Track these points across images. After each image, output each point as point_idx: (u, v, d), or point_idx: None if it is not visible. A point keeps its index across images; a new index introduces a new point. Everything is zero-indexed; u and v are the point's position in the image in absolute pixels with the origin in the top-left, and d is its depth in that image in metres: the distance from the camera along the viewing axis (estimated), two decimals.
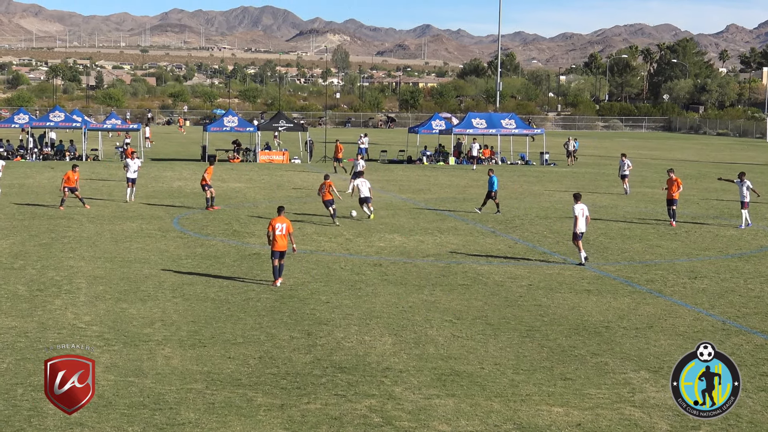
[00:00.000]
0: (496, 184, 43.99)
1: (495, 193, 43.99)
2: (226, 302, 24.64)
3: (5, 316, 22.64)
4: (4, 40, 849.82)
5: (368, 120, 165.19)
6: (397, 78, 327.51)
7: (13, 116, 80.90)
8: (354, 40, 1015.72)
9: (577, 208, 30.89)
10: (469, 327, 22.45)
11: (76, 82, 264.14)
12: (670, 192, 41.17)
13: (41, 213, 41.65)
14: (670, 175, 41.44)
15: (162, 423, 15.62)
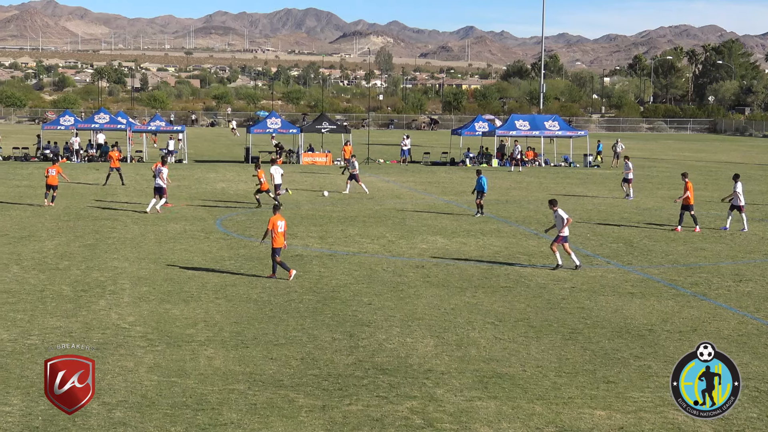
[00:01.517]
0: (485, 185, 43.66)
1: (483, 194, 43.51)
2: (268, 303, 24.71)
3: (50, 316, 22.82)
4: (51, 43, 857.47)
5: (411, 122, 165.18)
6: (440, 80, 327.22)
7: (59, 118, 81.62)
8: (397, 41, 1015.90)
9: (562, 212, 30.50)
10: (511, 329, 22.39)
11: (121, 84, 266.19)
12: (687, 197, 40.10)
13: (86, 214, 41.97)
14: (686, 180, 40.48)
15: (204, 423, 15.68)
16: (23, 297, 24.93)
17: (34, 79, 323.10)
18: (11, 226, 37.78)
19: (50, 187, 44.06)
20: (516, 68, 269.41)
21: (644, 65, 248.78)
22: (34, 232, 36.51)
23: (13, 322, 22.14)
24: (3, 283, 26.70)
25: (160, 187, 42.90)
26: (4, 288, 25.99)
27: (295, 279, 27.78)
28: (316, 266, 30.11)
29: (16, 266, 29.24)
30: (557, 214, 30.49)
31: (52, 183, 43.97)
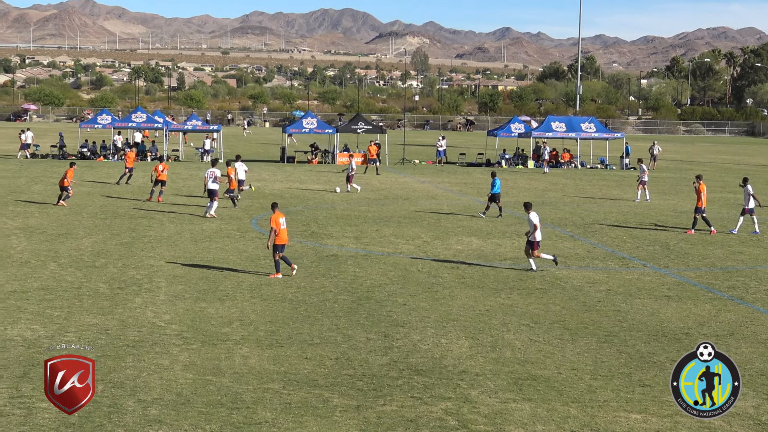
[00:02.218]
0: (498, 186, 43.49)
1: (497, 195, 43.39)
2: (303, 303, 24.75)
3: (87, 314, 22.95)
4: (89, 42, 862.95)
5: (447, 123, 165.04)
6: (476, 81, 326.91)
7: (96, 117, 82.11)
8: (433, 42, 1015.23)
9: (534, 216, 30.29)
10: (546, 331, 22.31)
11: (158, 83, 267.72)
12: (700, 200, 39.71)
13: (123, 212, 42.19)
14: (699, 183, 40.11)
15: (239, 422, 15.72)
16: (60, 294, 25.09)
17: (72, 78, 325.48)
18: (49, 224, 38.03)
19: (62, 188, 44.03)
20: (552, 69, 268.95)
21: (682, 67, 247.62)
22: (72, 229, 36.75)
23: (50, 319, 22.28)
24: (40, 280, 26.89)
25: (213, 190, 41.56)
26: (41, 285, 26.17)
27: (331, 280, 27.79)
28: (351, 266, 30.13)
29: (53, 263, 29.43)
30: (528, 218, 30.29)
31: (63, 184, 43.96)
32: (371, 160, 70.16)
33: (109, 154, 76.21)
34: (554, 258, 30.29)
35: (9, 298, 24.42)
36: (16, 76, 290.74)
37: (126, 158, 56.79)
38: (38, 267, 28.80)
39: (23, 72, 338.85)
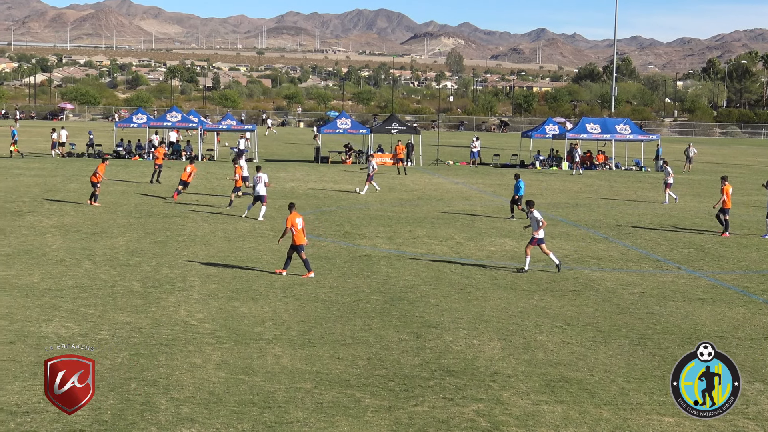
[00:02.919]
0: (522, 189, 43.30)
1: (520, 198, 43.21)
2: (336, 303, 24.78)
3: (121, 312, 23.07)
4: (125, 42, 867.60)
5: (481, 124, 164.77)
6: (511, 82, 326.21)
7: (132, 116, 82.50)
8: (468, 43, 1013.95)
9: (537, 214, 30.09)
10: (579, 333, 22.24)
11: (193, 83, 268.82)
12: (726, 201, 39.59)
13: (157, 211, 42.37)
14: (724, 184, 39.95)
15: (271, 421, 15.75)
16: (94, 292, 25.24)
17: (108, 78, 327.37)
18: (84, 222, 38.26)
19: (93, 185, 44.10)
20: (587, 71, 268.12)
21: (718, 69, 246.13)
22: (106, 228, 36.95)
23: (84, 317, 22.41)
24: (75, 278, 27.06)
25: (261, 195, 41.16)
26: (76, 283, 26.33)
27: (364, 280, 27.81)
28: (384, 267, 30.13)
29: (88, 262, 29.61)
30: (533, 216, 30.11)
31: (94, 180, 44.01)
32: (398, 160, 70.23)
33: (144, 153, 76.53)
34: (558, 264, 30.10)
35: (44, 296, 24.59)
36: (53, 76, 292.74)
37: (156, 154, 56.94)
38: (73, 265, 28.98)
39: (60, 71, 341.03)
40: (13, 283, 26.17)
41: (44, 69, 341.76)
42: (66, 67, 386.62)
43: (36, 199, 45.41)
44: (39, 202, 44.55)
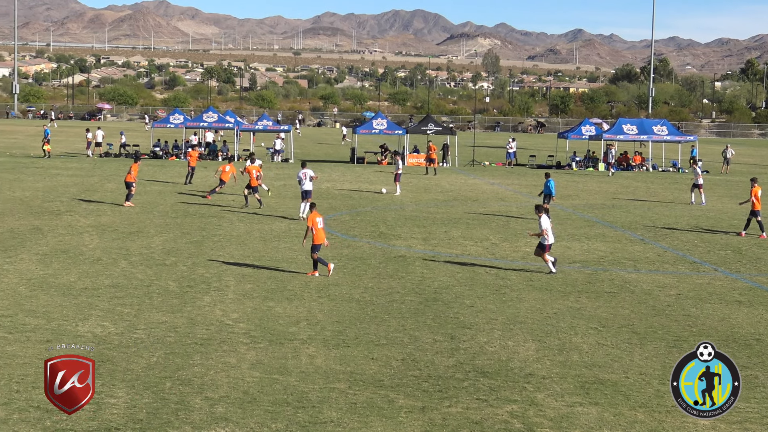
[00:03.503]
0: (552, 188, 43.08)
1: (550, 197, 43.00)
2: (370, 303, 24.79)
3: (156, 311, 23.19)
4: (162, 42, 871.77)
5: (517, 124, 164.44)
6: (547, 83, 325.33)
7: (169, 116, 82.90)
8: (505, 44, 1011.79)
9: (545, 220, 29.88)
10: (614, 335, 22.14)
11: (230, 83, 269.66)
12: (755, 203, 39.36)
13: (193, 211, 42.55)
14: (754, 186, 39.74)
15: (304, 421, 15.78)
16: (130, 291, 25.38)
17: (146, 78, 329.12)
18: (121, 222, 38.48)
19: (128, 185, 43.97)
20: (625, 72, 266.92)
21: (757, 70, 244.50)
22: (143, 228, 37.15)
23: (120, 316, 22.54)
24: (111, 277, 27.21)
25: (306, 191, 41.52)
26: (112, 282, 26.49)
27: (399, 281, 27.81)
28: (419, 267, 30.12)
29: (124, 261, 29.77)
30: (539, 221, 29.91)
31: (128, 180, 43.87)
32: (430, 161, 70.27)
33: (181, 154, 76.86)
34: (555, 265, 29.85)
35: (81, 295, 24.75)
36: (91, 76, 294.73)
37: (189, 157, 57.11)
38: (109, 264, 29.16)
39: (98, 72, 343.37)
40: (51, 282, 26.36)
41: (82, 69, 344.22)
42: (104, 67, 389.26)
43: (73, 199, 45.71)
44: (76, 201, 44.85)
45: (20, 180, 54.09)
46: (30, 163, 66.06)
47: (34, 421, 15.33)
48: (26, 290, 25.18)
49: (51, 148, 73.82)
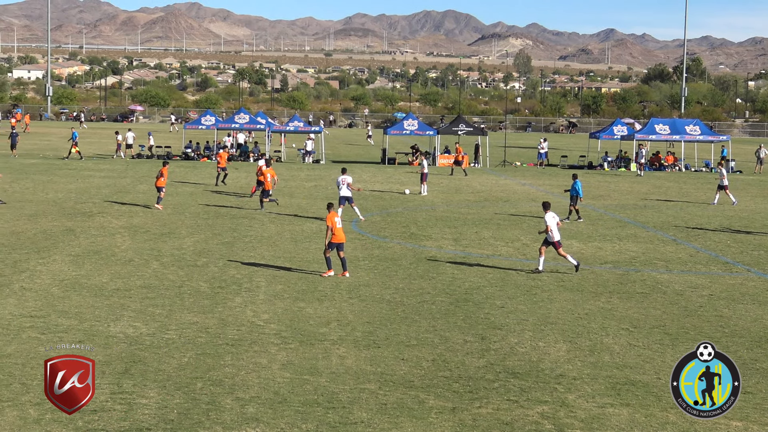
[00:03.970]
0: (580, 189, 42.82)
1: (577, 198, 42.76)
2: (401, 304, 24.79)
3: (188, 312, 23.28)
4: (194, 44, 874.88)
5: (549, 125, 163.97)
6: (579, 83, 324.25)
7: (200, 118, 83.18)
8: (536, 44, 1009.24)
9: (549, 216, 29.69)
10: (646, 336, 22.04)
11: (261, 85, 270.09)
12: None
13: (225, 212, 42.68)
14: None
15: (335, 421, 15.80)
16: (162, 292, 25.49)
17: (178, 80, 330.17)
18: (152, 223, 38.65)
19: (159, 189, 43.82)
20: (657, 71, 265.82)
21: None
22: (174, 229, 37.29)
23: (152, 317, 22.65)
24: (143, 278, 27.34)
25: (345, 197, 41.14)
26: (144, 283, 26.61)
27: (430, 282, 27.79)
28: (450, 268, 30.10)
29: (156, 262, 29.90)
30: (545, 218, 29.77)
31: (158, 184, 43.73)
32: (456, 162, 70.34)
33: (212, 155, 77.09)
34: (577, 265, 29.74)
35: (113, 296, 24.88)
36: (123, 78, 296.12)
37: (218, 158, 57.23)
38: (141, 265, 29.29)
39: (130, 74, 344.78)
40: (83, 283, 26.51)
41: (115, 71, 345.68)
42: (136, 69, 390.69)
43: (106, 201, 45.95)
44: (108, 203, 45.08)
45: (53, 182, 54.44)
46: (63, 165, 66.46)
47: (66, 421, 15.42)
48: (59, 291, 25.34)
49: (79, 149, 74.18)
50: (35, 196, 47.19)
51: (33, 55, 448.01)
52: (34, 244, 32.81)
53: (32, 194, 47.77)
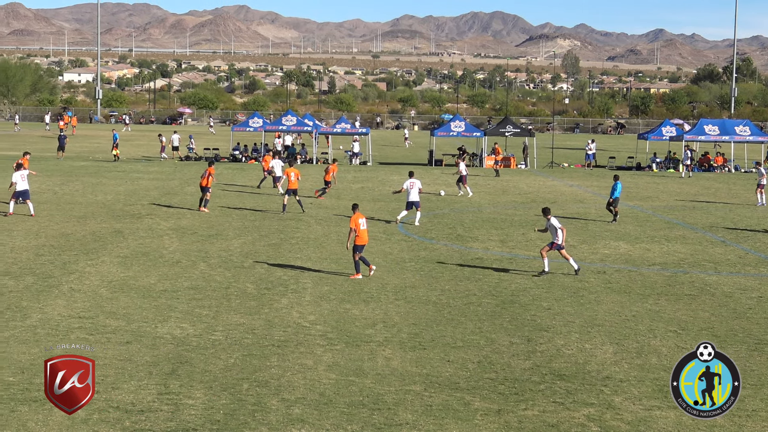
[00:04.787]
0: (619, 191, 42.42)
1: (616, 200, 42.34)
2: (447, 306, 24.76)
3: (234, 313, 23.38)
4: (243, 47, 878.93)
5: (597, 126, 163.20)
6: (627, 83, 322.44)
7: (248, 120, 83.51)
8: (584, 45, 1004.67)
9: (555, 221, 29.28)
10: (694, 338, 21.86)
11: (309, 87, 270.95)
12: None
13: (271, 214, 42.80)
14: None
15: (380, 423, 15.81)
16: (209, 293, 25.62)
17: (226, 82, 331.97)
18: (200, 225, 38.86)
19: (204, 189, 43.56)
20: (707, 72, 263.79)
21: None
22: (222, 231, 37.47)
23: (198, 318, 22.77)
24: (190, 279, 27.50)
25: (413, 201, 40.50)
26: (191, 284, 26.76)
27: (476, 283, 27.75)
28: (496, 270, 30.02)
29: (203, 263, 30.06)
30: (550, 224, 29.25)
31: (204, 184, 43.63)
32: (496, 163, 70.29)
33: (260, 157, 77.34)
34: (577, 270, 29.36)
35: (160, 297, 25.05)
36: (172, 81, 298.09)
37: (263, 162, 57.53)
38: (189, 267, 29.46)
39: (179, 76, 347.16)
40: (131, 284, 26.71)
41: (164, 74, 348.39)
42: (185, 72, 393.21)
43: (153, 202, 46.25)
44: (156, 205, 45.37)
45: (102, 184, 54.89)
46: (112, 167, 66.99)
47: (114, 421, 15.55)
48: (107, 292, 25.55)
49: (120, 152, 74.84)
50: (84, 198, 47.60)
51: (83, 59, 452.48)
52: (83, 245, 33.10)
53: (81, 196, 48.20)
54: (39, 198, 46.25)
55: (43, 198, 46.64)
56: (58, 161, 71.07)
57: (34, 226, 37.42)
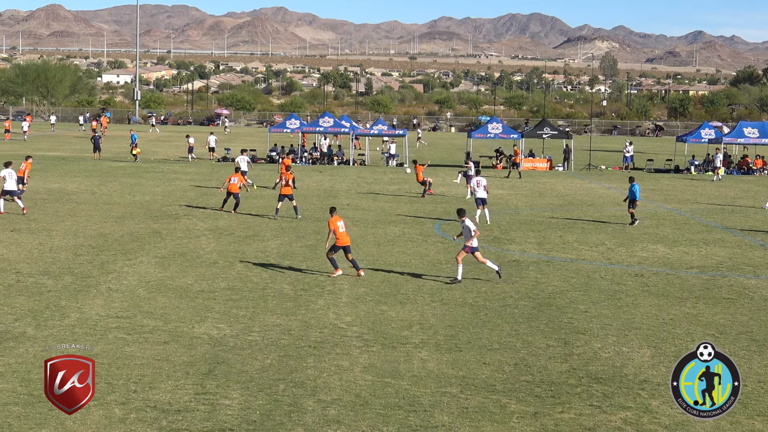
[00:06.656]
0: (638, 193, 42.07)
1: (633, 202, 41.96)
2: (483, 308, 24.72)
3: (271, 314, 23.44)
4: (280, 48, 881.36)
5: (635, 128, 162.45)
6: (666, 85, 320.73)
7: (285, 121, 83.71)
8: (623, 46, 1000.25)
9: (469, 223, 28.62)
10: (732, 342, 21.72)
11: (346, 88, 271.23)
12: None
13: (308, 215, 42.87)
14: None
15: (416, 425, 15.80)
16: (246, 294, 25.70)
17: (264, 84, 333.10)
18: (237, 226, 38.99)
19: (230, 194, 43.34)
20: (746, 74, 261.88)
21: None
22: (259, 231, 37.58)
23: (235, 318, 22.85)
24: (227, 280, 27.60)
25: (481, 198, 41.27)
26: (228, 285, 26.85)
27: (513, 285, 27.69)
28: (533, 272, 29.95)
29: (240, 264, 30.16)
30: (464, 225, 28.75)
31: (232, 190, 43.91)
32: (515, 164, 70.22)
33: (298, 158, 77.55)
34: (498, 270, 28.70)
35: (197, 297, 25.15)
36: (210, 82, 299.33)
37: (282, 163, 57.67)
38: (226, 267, 29.57)
39: (217, 78, 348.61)
40: (168, 284, 26.84)
41: (202, 76, 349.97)
42: (222, 73, 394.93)
43: (191, 203, 46.45)
44: (194, 206, 45.56)
45: (140, 184, 55.18)
46: (150, 168, 67.34)
47: (151, 421, 15.63)
48: (145, 292, 25.68)
49: (140, 150, 75.30)
50: (122, 198, 47.87)
51: (122, 60, 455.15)
52: (121, 246, 33.29)
53: (119, 197, 48.48)
54: (77, 198, 46.64)
55: (82, 198, 46.99)
56: (96, 163, 71.48)
57: (72, 226, 37.69)
